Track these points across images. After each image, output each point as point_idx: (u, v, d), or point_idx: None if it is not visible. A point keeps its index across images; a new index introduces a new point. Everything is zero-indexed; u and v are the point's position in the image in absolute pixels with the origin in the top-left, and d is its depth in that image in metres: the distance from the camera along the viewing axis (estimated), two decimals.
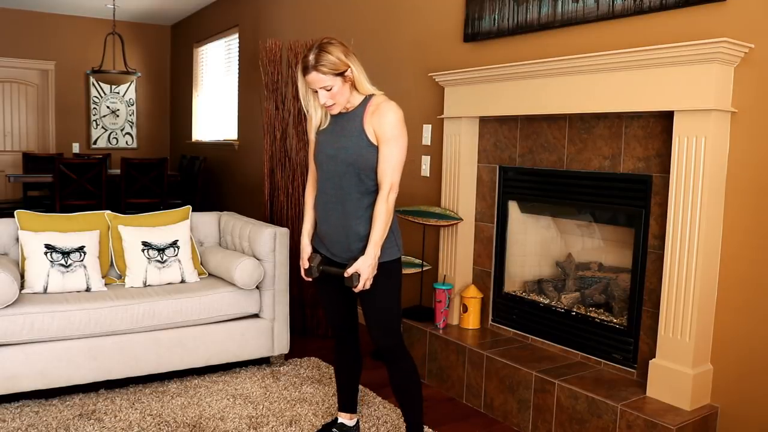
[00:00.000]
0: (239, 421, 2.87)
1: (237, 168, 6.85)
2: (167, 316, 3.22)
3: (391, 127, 2.26)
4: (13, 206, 6.10)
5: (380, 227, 2.27)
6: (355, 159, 2.28)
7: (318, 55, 2.20)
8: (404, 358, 2.45)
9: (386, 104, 2.28)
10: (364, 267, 2.26)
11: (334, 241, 2.40)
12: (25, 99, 8.08)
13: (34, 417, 2.84)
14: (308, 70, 2.22)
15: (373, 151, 2.28)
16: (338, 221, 2.35)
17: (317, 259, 2.43)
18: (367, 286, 2.29)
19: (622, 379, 2.81)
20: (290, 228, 4.24)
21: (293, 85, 4.28)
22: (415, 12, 4.10)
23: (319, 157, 2.39)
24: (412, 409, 2.49)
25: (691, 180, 2.46)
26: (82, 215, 3.49)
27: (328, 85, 2.22)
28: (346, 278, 2.30)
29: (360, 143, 2.28)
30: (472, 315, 3.49)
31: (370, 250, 2.26)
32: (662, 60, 2.49)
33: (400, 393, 2.48)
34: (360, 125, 2.29)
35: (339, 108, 2.30)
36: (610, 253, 3.21)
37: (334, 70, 2.20)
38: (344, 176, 2.31)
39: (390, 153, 2.26)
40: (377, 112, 2.27)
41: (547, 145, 3.18)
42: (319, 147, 2.40)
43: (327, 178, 2.37)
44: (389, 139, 2.26)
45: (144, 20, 8.55)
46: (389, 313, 2.41)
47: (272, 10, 5.97)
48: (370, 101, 2.31)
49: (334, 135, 2.35)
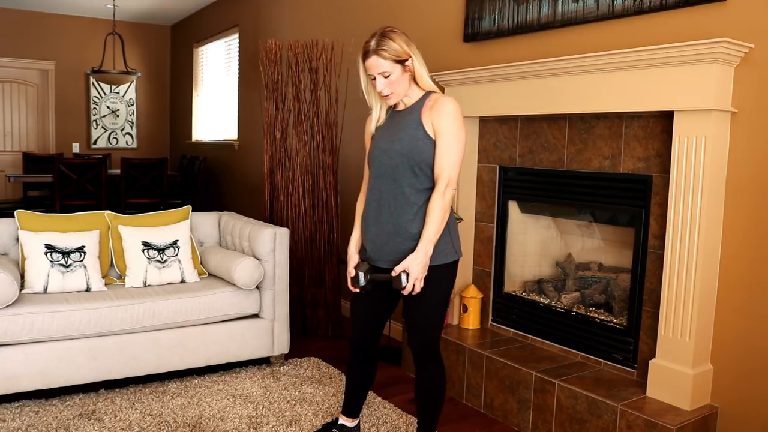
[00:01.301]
0: (239, 421, 2.87)
1: (237, 168, 6.85)
2: (167, 316, 3.22)
3: (450, 120, 2.18)
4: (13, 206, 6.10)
5: (435, 224, 2.15)
6: (410, 150, 2.19)
7: (380, 41, 2.17)
8: (437, 365, 2.35)
9: (444, 98, 2.22)
10: (414, 265, 2.13)
11: (384, 243, 2.26)
12: (25, 99, 8.08)
13: (34, 417, 2.84)
14: (368, 54, 2.18)
15: (430, 144, 2.20)
16: (389, 219, 2.24)
17: (365, 266, 2.29)
18: (417, 288, 2.16)
19: (622, 379, 2.81)
20: (290, 228, 4.24)
21: (293, 85, 4.29)
22: (415, 12, 4.10)
23: (373, 154, 2.31)
24: (431, 416, 2.40)
25: (691, 180, 2.46)
26: (82, 215, 3.49)
27: (387, 71, 2.17)
28: (394, 278, 2.15)
29: (416, 134, 2.20)
30: (472, 315, 3.49)
31: (422, 246, 2.14)
32: (662, 60, 2.49)
33: (424, 398, 2.39)
34: (417, 117, 2.22)
35: (396, 99, 2.24)
36: (610, 253, 3.21)
37: (395, 57, 2.17)
38: (397, 169, 2.22)
39: (448, 145, 2.18)
40: (436, 106, 2.21)
41: (547, 145, 3.18)
42: (374, 144, 2.33)
43: (379, 174, 2.28)
44: (448, 132, 2.18)
45: (144, 20, 8.55)
46: (433, 318, 2.29)
47: (272, 10, 5.97)
48: (429, 97, 2.25)
49: (390, 130, 2.28)
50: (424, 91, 2.28)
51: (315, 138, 4.27)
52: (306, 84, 4.28)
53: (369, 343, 2.48)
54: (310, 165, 4.29)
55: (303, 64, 4.25)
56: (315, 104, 4.26)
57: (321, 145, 4.26)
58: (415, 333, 2.31)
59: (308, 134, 4.29)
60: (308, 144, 4.29)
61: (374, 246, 2.30)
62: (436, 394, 2.38)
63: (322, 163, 4.27)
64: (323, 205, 4.30)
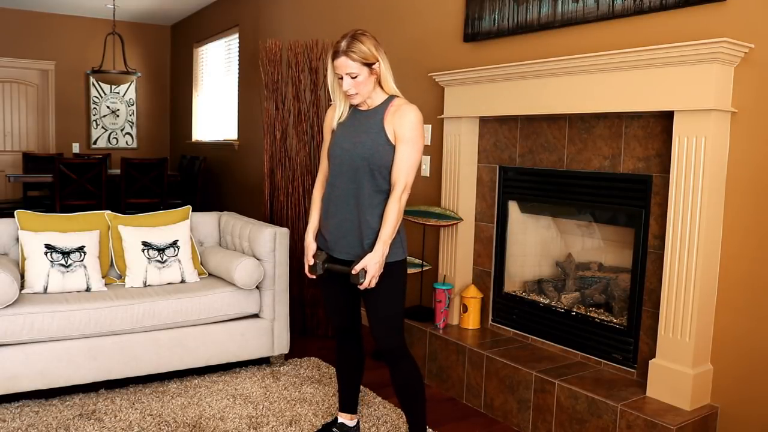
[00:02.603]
0: (239, 421, 2.87)
1: (237, 168, 6.85)
2: (167, 316, 3.22)
3: (411, 128, 2.29)
4: (13, 206, 6.10)
5: (390, 226, 2.28)
6: (371, 155, 2.30)
7: (350, 42, 2.26)
8: (406, 359, 2.44)
9: (407, 106, 2.33)
10: (371, 263, 2.26)
11: (341, 236, 2.39)
12: (25, 99, 8.08)
13: (34, 417, 2.84)
14: (338, 54, 2.26)
15: (390, 150, 2.31)
16: (350, 215, 2.36)
17: (322, 256, 2.42)
18: (373, 284, 2.29)
19: (622, 379, 2.81)
20: (290, 228, 4.24)
21: (293, 85, 4.29)
22: (415, 12, 4.10)
23: (333, 150, 2.40)
24: (414, 410, 2.48)
25: (691, 180, 2.46)
26: (82, 215, 3.49)
27: (354, 72, 2.26)
28: (353, 275, 2.29)
29: (378, 140, 2.31)
30: (472, 315, 3.49)
31: (379, 247, 2.27)
32: (662, 60, 2.49)
33: (402, 394, 2.47)
34: (380, 123, 2.32)
35: (360, 99, 2.33)
36: (610, 253, 3.21)
37: (363, 59, 2.26)
38: (358, 171, 2.33)
39: (407, 153, 2.29)
40: (398, 112, 2.31)
41: (547, 145, 3.18)
42: (335, 140, 2.42)
43: (340, 173, 2.38)
44: (407, 140, 2.29)
45: (144, 20, 8.55)
46: (392, 313, 2.41)
47: (272, 10, 5.97)
48: (392, 102, 2.35)
49: (353, 129, 2.37)
50: (388, 95, 2.37)
51: (315, 138, 4.27)
52: (306, 84, 4.28)
53: (349, 327, 2.58)
54: (310, 165, 4.29)
55: (303, 64, 4.25)
56: (315, 104, 4.26)
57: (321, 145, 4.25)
58: (379, 331, 2.41)
59: (308, 134, 4.29)
60: (308, 144, 4.29)
61: (332, 238, 2.42)
62: (413, 387, 2.45)
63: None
64: None
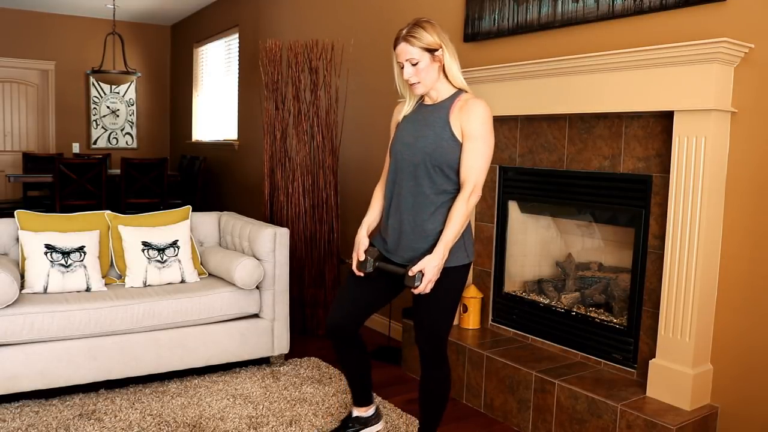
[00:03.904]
0: (239, 421, 2.87)
1: (237, 168, 6.85)
2: (167, 316, 3.22)
3: (480, 123, 2.15)
4: (13, 206, 6.10)
5: (455, 228, 2.13)
6: (434, 149, 2.16)
7: (411, 28, 2.16)
8: (442, 369, 2.34)
9: (476, 100, 2.18)
10: (430, 267, 2.11)
11: (398, 237, 2.26)
12: (25, 99, 8.08)
13: (34, 417, 2.84)
14: (398, 40, 2.17)
15: (455, 146, 2.16)
16: (406, 216, 2.23)
17: (375, 253, 2.28)
18: (428, 289, 2.14)
19: (622, 379, 2.81)
20: (290, 228, 4.24)
21: (293, 85, 4.29)
22: (415, 12, 4.09)
23: (395, 146, 2.28)
24: (433, 417, 2.41)
25: (691, 180, 2.46)
26: (82, 215, 3.49)
27: (415, 58, 2.14)
28: (408, 277, 2.14)
29: (442, 134, 2.17)
30: (472, 315, 3.49)
31: (440, 249, 2.12)
32: (662, 60, 2.49)
33: (426, 400, 2.38)
34: (445, 117, 2.18)
35: (423, 89, 2.20)
36: (610, 253, 3.21)
37: (424, 45, 2.14)
38: (419, 167, 2.19)
39: (477, 150, 2.14)
40: (466, 107, 2.17)
41: (547, 145, 3.18)
42: (398, 135, 2.30)
43: (401, 169, 2.25)
44: (477, 137, 2.14)
45: (144, 20, 8.55)
46: (443, 319, 2.28)
47: (272, 10, 5.97)
48: (459, 96, 2.22)
49: (416, 124, 2.25)
50: (455, 89, 2.24)
51: (315, 138, 4.27)
52: (306, 84, 4.28)
53: (354, 324, 2.42)
54: (310, 165, 4.29)
55: (303, 64, 4.25)
56: (315, 104, 4.26)
57: (321, 145, 4.26)
58: (423, 334, 2.30)
59: (308, 134, 4.29)
60: (308, 144, 4.29)
61: (391, 240, 2.30)
62: (441, 395, 2.38)
63: (322, 163, 4.27)
64: (323, 205, 4.30)
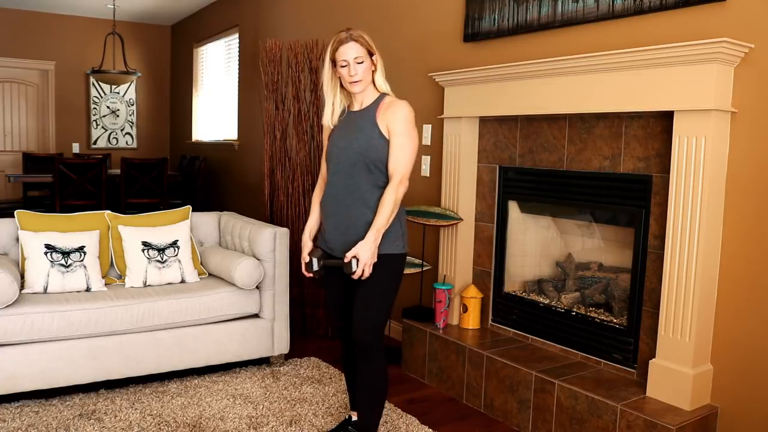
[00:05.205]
0: (239, 421, 2.87)
1: (237, 168, 6.85)
2: (167, 316, 3.22)
3: (403, 122, 2.34)
4: (13, 206, 6.10)
5: (385, 215, 2.28)
6: (366, 149, 2.34)
7: (355, 31, 2.37)
8: (379, 361, 2.42)
9: (398, 101, 2.39)
10: (362, 251, 2.25)
11: (340, 234, 2.39)
12: (25, 99, 8.08)
13: (34, 417, 2.84)
14: (346, 40, 2.33)
15: (384, 143, 2.34)
16: (348, 212, 2.37)
17: (318, 252, 2.44)
18: (367, 273, 2.27)
19: (622, 379, 2.81)
20: (290, 228, 4.24)
21: (293, 85, 4.29)
22: (415, 12, 4.10)
23: (332, 152, 2.45)
24: (369, 414, 2.46)
25: (691, 180, 2.46)
26: (82, 215, 3.49)
27: (361, 57, 2.34)
28: (345, 264, 2.28)
29: (372, 134, 2.35)
30: (472, 315, 3.49)
31: (371, 234, 2.27)
32: (662, 60, 2.49)
33: (364, 394, 2.45)
34: (373, 118, 2.38)
35: (361, 87, 2.38)
36: (610, 253, 3.21)
37: (368, 47, 2.36)
38: (355, 166, 2.36)
39: (401, 144, 2.33)
40: (390, 108, 2.37)
41: (547, 145, 3.18)
42: (332, 141, 2.47)
43: (337, 171, 2.41)
44: (401, 133, 2.34)
45: (144, 20, 8.55)
46: (377, 308, 2.38)
47: (272, 10, 5.97)
48: (383, 99, 2.42)
49: (348, 129, 2.43)
50: (379, 93, 2.44)
51: (315, 138, 4.28)
52: (306, 84, 4.28)
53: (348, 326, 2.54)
54: (310, 165, 4.29)
55: (303, 64, 4.25)
56: (315, 104, 4.26)
57: (321, 145, 4.26)
58: (358, 323, 2.37)
59: (308, 134, 4.29)
60: (308, 144, 4.30)
61: (331, 237, 2.44)
62: (376, 389, 2.44)
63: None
64: None
